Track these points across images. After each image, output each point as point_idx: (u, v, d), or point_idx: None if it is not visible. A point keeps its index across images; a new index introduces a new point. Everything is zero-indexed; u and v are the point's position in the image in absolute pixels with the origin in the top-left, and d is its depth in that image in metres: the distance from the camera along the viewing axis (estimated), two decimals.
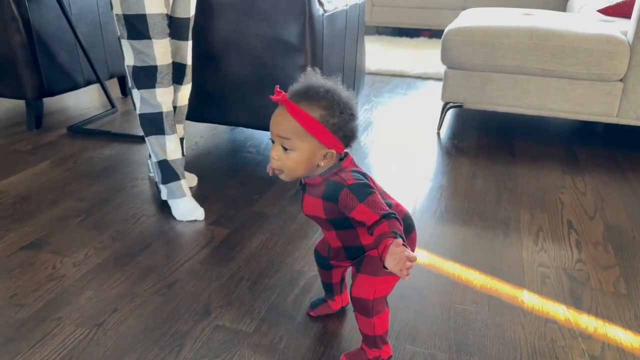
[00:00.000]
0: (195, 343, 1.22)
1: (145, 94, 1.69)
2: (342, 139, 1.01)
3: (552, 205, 1.94)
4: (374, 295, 1.08)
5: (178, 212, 1.78)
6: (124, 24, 1.61)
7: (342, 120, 1.00)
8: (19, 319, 1.30)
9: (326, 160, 1.02)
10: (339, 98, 1.00)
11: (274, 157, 1.02)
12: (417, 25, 5.13)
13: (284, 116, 1.00)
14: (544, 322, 1.33)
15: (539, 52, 2.37)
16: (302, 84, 1.02)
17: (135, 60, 1.65)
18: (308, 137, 0.99)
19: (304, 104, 0.99)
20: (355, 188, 0.99)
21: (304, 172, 1.03)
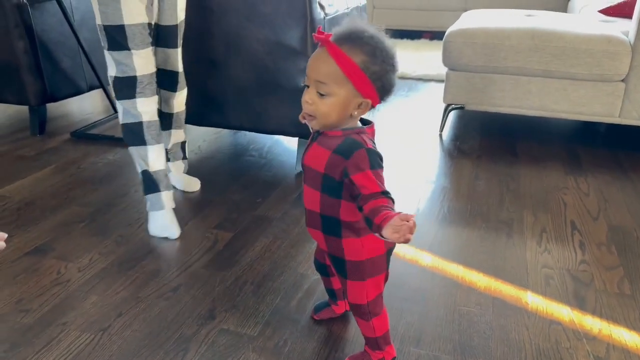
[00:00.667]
0: (200, 347, 1.23)
1: (126, 104, 1.65)
2: (379, 90, 0.96)
3: (555, 206, 1.94)
4: (367, 299, 1.08)
5: (151, 226, 1.72)
6: (105, 35, 1.58)
7: (383, 69, 0.95)
8: (24, 325, 1.30)
9: (360, 110, 0.97)
10: (382, 46, 0.95)
11: (307, 101, 0.97)
12: (418, 27, 5.13)
13: (323, 59, 0.94)
14: (548, 323, 1.33)
15: (541, 53, 2.37)
16: (346, 26, 0.96)
17: (117, 70, 1.62)
18: (346, 83, 0.94)
19: (347, 46, 0.93)
20: (372, 153, 0.95)
21: (337, 119, 0.97)
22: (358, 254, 1.05)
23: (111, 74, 1.65)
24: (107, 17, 1.53)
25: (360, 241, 1.04)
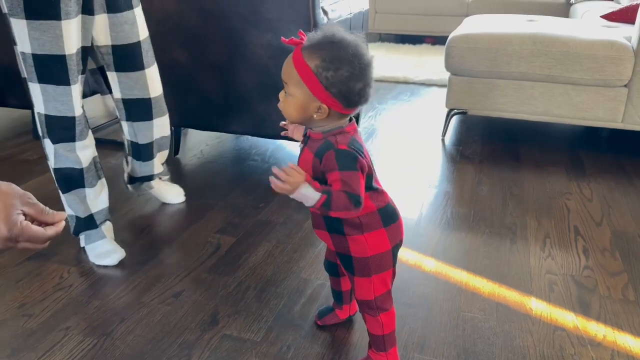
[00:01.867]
0: (203, 352, 1.22)
1: (61, 149, 1.44)
2: (337, 97, 0.96)
3: (558, 212, 1.94)
4: (375, 294, 1.10)
5: (91, 255, 1.58)
6: (33, 65, 1.33)
7: (337, 76, 0.94)
8: (27, 329, 1.30)
9: (319, 114, 0.98)
10: (341, 53, 0.94)
11: (279, 97, 1.02)
12: (420, 32, 5.14)
13: (288, 60, 0.98)
14: (552, 329, 1.33)
15: (543, 58, 2.37)
16: (319, 33, 0.98)
17: (48, 108, 1.38)
18: (301, 85, 0.96)
19: (307, 52, 0.95)
20: (341, 154, 0.97)
21: (298, 118, 1.01)
22: (363, 251, 1.07)
23: (40, 111, 1.40)
24: (42, 45, 1.30)
25: (364, 237, 1.06)
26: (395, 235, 1.09)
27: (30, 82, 1.38)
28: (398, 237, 1.10)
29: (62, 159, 1.47)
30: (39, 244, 0.82)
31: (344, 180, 0.96)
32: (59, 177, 1.51)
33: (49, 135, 1.44)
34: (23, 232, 0.79)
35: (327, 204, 0.96)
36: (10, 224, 0.78)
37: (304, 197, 0.96)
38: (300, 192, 0.96)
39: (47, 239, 0.82)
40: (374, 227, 1.06)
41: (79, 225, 1.57)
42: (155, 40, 2.19)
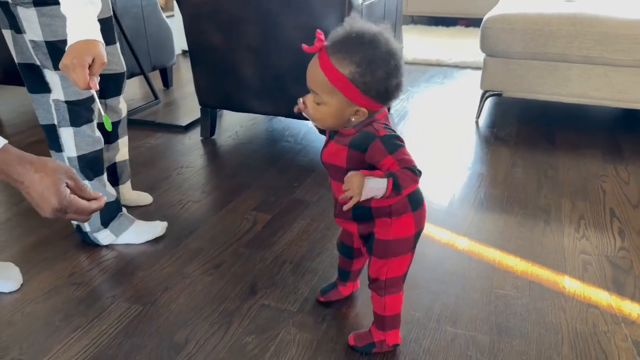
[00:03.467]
0: (243, 320, 1.28)
1: (86, 130, 1.44)
2: (375, 98, 0.93)
3: (593, 194, 1.92)
4: (386, 276, 1.11)
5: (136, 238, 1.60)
6: (47, 53, 1.33)
7: (375, 79, 0.90)
8: (77, 296, 1.38)
9: (357, 117, 0.96)
10: (374, 53, 0.90)
11: (306, 105, 0.98)
12: (453, 14, 5.07)
13: (315, 68, 0.93)
14: (585, 307, 1.33)
15: (582, 38, 2.33)
16: (343, 31, 0.92)
17: (67, 94, 1.38)
18: (336, 93, 0.92)
19: (335, 57, 0.90)
20: (386, 140, 0.95)
21: (334, 125, 0.98)
22: (386, 233, 1.07)
23: (58, 98, 1.40)
24: (55, 30, 1.31)
25: (390, 221, 1.06)
26: (420, 220, 1.09)
27: (45, 69, 1.37)
28: (422, 223, 1.10)
29: (86, 142, 1.46)
30: (84, 215, 0.89)
31: (399, 160, 0.94)
32: (84, 165, 1.48)
33: (71, 121, 1.42)
34: (71, 204, 0.87)
35: (397, 185, 0.92)
36: (60, 197, 0.86)
37: (374, 190, 0.92)
38: (368, 188, 0.91)
39: (91, 211, 0.90)
40: (401, 212, 1.06)
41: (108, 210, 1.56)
42: (191, 24, 2.25)
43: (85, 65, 1.13)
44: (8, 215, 1.78)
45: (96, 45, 1.16)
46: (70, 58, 1.13)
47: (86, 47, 1.14)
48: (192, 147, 2.38)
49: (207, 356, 1.17)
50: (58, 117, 1.43)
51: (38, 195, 0.86)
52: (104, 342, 1.22)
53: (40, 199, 0.86)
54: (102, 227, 1.56)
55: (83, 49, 1.13)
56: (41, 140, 2.43)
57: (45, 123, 1.47)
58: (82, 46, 1.14)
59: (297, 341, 1.22)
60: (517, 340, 1.22)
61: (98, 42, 1.17)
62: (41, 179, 0.86)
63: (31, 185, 0.86)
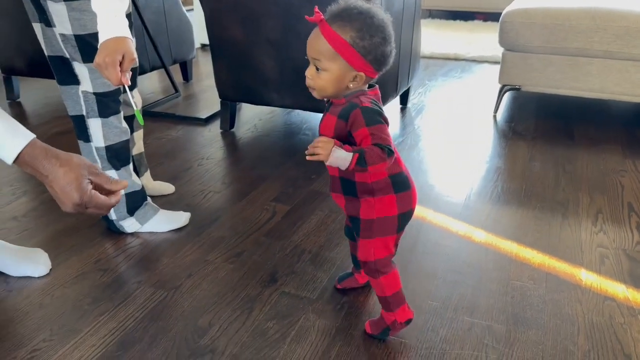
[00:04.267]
0: (264, 307, 1.32)
1: (113, 121, 1.49)
2: (372, 63, 1.01)
3: (611, 188, 1.92)
4: (375, 257, 1.14)
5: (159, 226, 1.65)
6: (76, 46, 1.37)
7: (373, 43, 0.99)
8: (103, 282, 1.43)
9: (355, 82, 1.03)
10: (371, 21, 0.99)
11: (307, 76, 1.05)
12: (471, 8, 5.04)
13: (317, 37, 1.01)
14: (602, 299, 1.35)
15: (602, 33, 2.32)
16: (339, 5, 1.01)
17: (95, 86, 1.43)
18: (338, 59, 0.99)
19: (337, 25, 0.99)
20: (366, 111, 1.02)
21: (334, 91, 1.04)
22: (370, 213, 1.12)
23: (87, 90, 1.44)
24: (84, 24, 1.35)
25: (373, 200, 1.11)
26: (404, 203, 1.13)
27: (75, 61, 1.42)
28: (408, 206, 1.14)
29: (114, 132, 1.50)
30: (104, 211, 0.94)
31: (373, 133, 1.01)
32: (112, 155, 1.52)
33: (99, 112, 1.46)
34: (91, 199, 0.91)
35: (362, 160, 0.99)
36: (81, 192, 0.90)
37: (339, 159, 1.00)
38: (334, 157, 1.00)
39: (110, 206, 0.95)
40: (384, 192, 1.10)
41: (135, 198, 1.60)
42: (213, 18, 2.28)
43: (117, 63, 1.20)
44: (35, 204, 1.84)
45: (126, 43, 1.22)
46: (102, 56, 1.19)
47: (116, 44, 1.20)
48: (212, 140, 2.42)
49: (230, 340, 1.21)
50: (87, 108, 1.47)
51: (60, 190, 0.90)
52: (130, 325, 1.26)
53: (62, 194, 0.90)
54: (128, 215, 1.61)
55: (114, 47, 1.20)
56: (65, 131, 2.49)
57: (74, 114, 1.52)
58: (112, 44, 1.20)
59: (316, 327, 1.25)
60: (533, 330, 1.24)
61: (127, 39, 1.23)
62: (65, 174, 0.90)
63: (55, 180, 0.90)
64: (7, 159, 0.91)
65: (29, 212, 1.78)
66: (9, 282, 1.43)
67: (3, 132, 0.91)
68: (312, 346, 1.19)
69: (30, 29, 2.63)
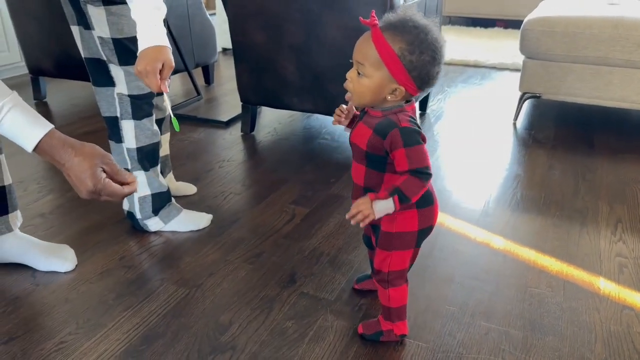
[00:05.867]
0: (283, 307, 1.34)
1: (144, 124, 1.53)
2: (416, 80, 0.99)
3: (632, 198, 1.91)
4: (389, 268, 1.14)
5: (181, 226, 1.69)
6: (113, 49, 1.42)
7: (421, 60, 0.97)
8: (127, 278, 1.47)
9: (394, 96, 1.01)
10: (425, 37, 0.97)
11: (348, 78, 1.03)
12: (491, 15, 5.04)
13: (366, 41, 0.99)
14: (620, 308, 1.35)
15: (624, 42, 2.31)
16: (397, 15, 0.99)
17: (130, 88, 1.47)
18: (381, 67, 0.98)
19: (389, 33, 0.97)
20: (405, 131, 1.00)
21: (371, 100, 1.03)
22: (390, 226, 1.12)
23: (122, 92, 1.49)
24: (122, 29, 1.40)
25: (395, 215, 1.09)
26: (426, 219, 1.12)
27: (111, 64, 1.46)
28: (429, 222, 1.13)
29: (145, 134, 1.54)
30: (117, 199, 0.99)
31: (409, 155, 0.99)
32: (142, 156, 1.57)
33: (133, 114, 1.51)
34: (105, 187, 0.96)
35: (403, 198, 1.00)
36: (95, 180, 0.95)
37: (383, 210, 1.01)
38: (377, 210, 1.00)
39: (123, 195, 1.00)
40: (407, 207, 1.09)
41: (161, 199, 1.64)
42: (236, 22, 2.32)
43: (157, 71, 1.24)
44: (61, 201, 1.89)
45: (165, 51, 1.25)
46: (143, 65, 1.23)
47: (156, 53, 1.24)
48: (233, 142, 2.46)
49: (250, 338, 1.24)
50: (121, 110, 1.51)
51: (76, 177, 0.96)
52: (153, 321, 1.30)
53: (77, 181, 0.96)
54: (152, 214, 1.65)
55: (153, 55, 1.24)
56: (91, 131, 2.55)
57: (108, 115, 1.56)
58: (152, 53, 1.24)
59: (334, 328, 1.27)
60: (550, 337, 1.25)
61: (166, 47, 1.26)
62: (79, 163, 0.96)
63: (71, 168, 0.96)
64: (27, 147, 0.97)
65: (56, 209, 1.84)
66: (37, 276, 1.47)
67: (24, 123, 0.96)
68: (330, 346, 1.22)
69: (58, 30, 2.70)
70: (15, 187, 1.99)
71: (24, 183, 2.03)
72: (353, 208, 1.02)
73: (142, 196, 1.62)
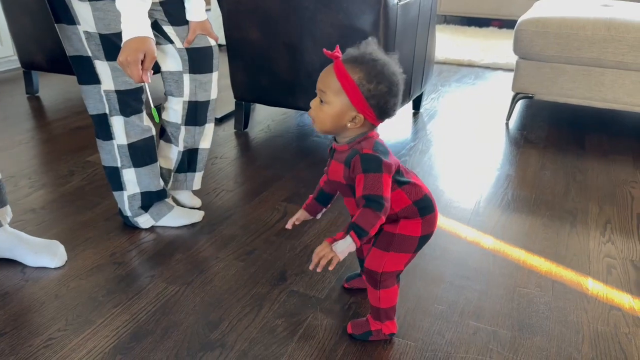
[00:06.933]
0: (273, 304, 1.34)
1: (135, 120, 1.52)
2: (374, 108, 1.04)
3: (621, 199, 1.93)
4: (383, 269, 1.15)
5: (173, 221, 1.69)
6: (100, 44, 1.41)
7: (378, 89, 1.03)
8: (118, 275, 1.47)
9: (353, 124, 1.06)
10: (381, 69, 1.03)
11: (311, 106, 1.09)
12: (487, 14, 5.05)
13: (329, 72, 1.06)
14: (608, 308, 1.36)
15: (617, 44, 2.32)
16: (358, 49, 1.06)
17: (117, 84, 1.46)
18: (342, 95, 1.04)
19: (349, 65, 1.03)
20: (364, 157, 1.05)
21: (332, 127, 1.08)
22: (393, 228, 1.14)
23: (109, 88, 1.47)
24: (108, 24, 1.38)
25: (397, 220, 1.14)
26: (429, 225, 1.15)
27: (97, 60, 1.44)
28: (430, 228, 1.16)
29: (135, 131, 1.54)
30: None
31: (366, 182, 1.04)
32: (133, 152, 1.55)
33: (120, 110, 1.50)
34: None
35: (361, 233, 1.03)
36: None
37: (345, 250, 1.04)
38: (339, 252, 1.03)
39: None
40: (410, 217, 1.13)
41: (150, 197, 1.64)
42: (230, 19, 2.32)
43: (138, 61, 1.25)
44: (52, 197, 1.88)
45: (147, 42, 1.26)
46: (124, 56, 1.25)
47: (138, 44, 1.26)
48: (226, 139, 2.46)
49: (240, 335, 1.24)
50: (109, 107, 1.50)
51: None
52: (143, 317, 1.30)
53: None
54: (142, 211, 1.64)
55: (135, 46, 1.25)
56: (84, 126, 2.54)
57: (95, 113, 1.55)
58: (135, 43, 1.26)
59: (324, 326, 1.27)
60: (538, 337, 1.26)
61: (148, 38, 1.27)
62: None
63: None
64: None
65: (47, 205, 1.83)
66: (26, 272, 1.47)
67: None
68: (319, 344, 1.22)
69: (51, 24, 2.68)
70: (6, 182, 1.98)
71: (14, 178, 2.02)
72: (314, 257, 1.05)
73: (131, 194, 1.62)
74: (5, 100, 2.91)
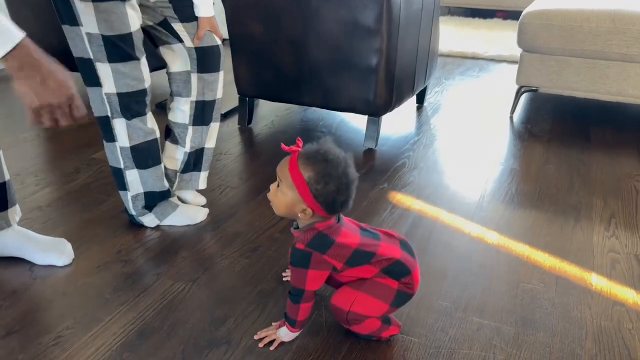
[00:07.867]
0: (278, 301, 1.36)
1: (137, 123, 1.52)
2: (322, 204, 1.09)
3: (626, 193, 1.93)
4: (350, 308, 1.16)
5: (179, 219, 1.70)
6: (102, 45, 1.40)
7: (326, 189, 1.07)
8: (124, 272, 1.48)
9: (304, 214, 1.11)
10: (331, 171, 1.07)
11: (270, 189, 1.16)
12: (491, 6, 5.01)
13: (285, 164, 1.11)
14: (611, 304, 1.36)
15: (621, 36, 2.31)
16: (317, 146, 1.11)
17: (119, 86, 1.45)
18: (293, 189, 1.09)
19: (302, 162, 1.08)
20: (294, 252, 1.12)
21: (286, 214, 1.14)
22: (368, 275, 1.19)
23: (110, 91, 1.46)
24: (111, 25, 1.38)
25: None
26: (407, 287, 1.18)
27: (98, 62, 1.43)
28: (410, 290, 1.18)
29: (138, 133, 1.53)
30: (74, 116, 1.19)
31: (292, 274, 1.15)
32: (135, 155, 1.56)
33: (123, 113, 1.50)
34: None
35: (289, 320, 1.18)
36: None
37: (285, 334, 1.21)
38: (281, 336, 1.21)
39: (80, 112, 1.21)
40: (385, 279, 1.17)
41: (153, 198, 1.65)
42: (233, 14, 2.32)
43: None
44: (59, 194, 1.90)
45: None
46: None
47: None
48: (230, 135, 2.46)
49: (246, 332, 1.25)
50: (111, 109, 1.50)
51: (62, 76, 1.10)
52: (149, 315, 1.31)
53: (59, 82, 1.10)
54: (146, 211, 1.66)
55: None
56: (89, 124, 2.55)
57: (99, 115, 1.55)
58: None
59: (329, 323, 1.29)
60: (541, 332, 1.27)
61: None
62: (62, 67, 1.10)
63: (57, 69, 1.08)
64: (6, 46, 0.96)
65: (53, 202, 1.84)
66: (34, 270, 1.49)
67: None
68: (324, 341, 1.23)
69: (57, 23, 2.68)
70: (13, 180, 1.99)
71: (20, 176, 2.04)
72: (262, 333, 1.22)
73: (135, 195, 1.63)
74: (10, 98, 2.92)
